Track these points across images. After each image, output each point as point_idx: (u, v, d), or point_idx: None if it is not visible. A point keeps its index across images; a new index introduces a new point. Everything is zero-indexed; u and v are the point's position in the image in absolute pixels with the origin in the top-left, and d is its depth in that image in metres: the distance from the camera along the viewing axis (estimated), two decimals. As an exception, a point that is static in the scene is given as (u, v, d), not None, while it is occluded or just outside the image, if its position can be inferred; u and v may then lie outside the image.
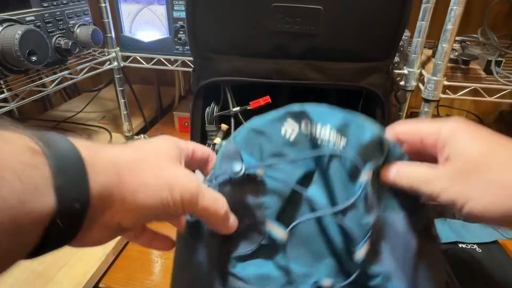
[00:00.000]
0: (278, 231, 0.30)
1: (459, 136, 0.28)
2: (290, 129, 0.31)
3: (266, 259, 0.31)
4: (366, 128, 0.31)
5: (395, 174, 0.30)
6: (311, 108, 0.31)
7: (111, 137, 0.94)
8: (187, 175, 0.28)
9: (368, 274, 0.29)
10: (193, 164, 0.32)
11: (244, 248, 0.31)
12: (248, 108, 0.51)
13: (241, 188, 0.29)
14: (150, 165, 0.26)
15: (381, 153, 0.30)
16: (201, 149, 0.32)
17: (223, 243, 0.31)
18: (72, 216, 0.21)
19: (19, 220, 0.19)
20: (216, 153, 0.32)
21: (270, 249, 0.31)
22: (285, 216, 0.31)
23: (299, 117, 0.31)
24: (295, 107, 0.31)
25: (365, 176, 0.29)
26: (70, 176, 0.21)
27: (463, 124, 0.29)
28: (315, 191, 0.31)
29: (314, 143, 0.31)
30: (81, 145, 0.23)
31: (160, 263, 0.58)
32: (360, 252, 0.29)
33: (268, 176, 0.30)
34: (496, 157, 0.26)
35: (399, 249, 0.30)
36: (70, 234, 0.22)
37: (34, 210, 0.19)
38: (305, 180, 0.32)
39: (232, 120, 0.53)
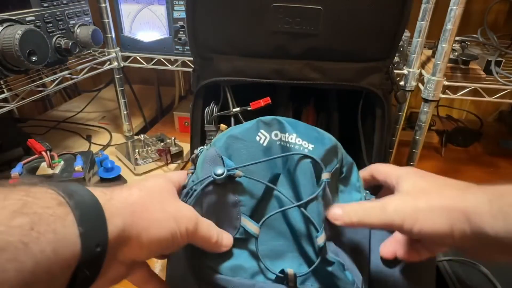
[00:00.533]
0: (251, 226, 0.34)
1: (409, 175, 0.34)
2: (263, 136, 0.36)
3: (240, 249, 0.35)
4: (325, 137, 0.37)
5: (341, 214, 0.33)
6: (281, 120, 0.37)
7: (111, 137, 0.94)
8: (187, 207, 0.32)
9: (327, 261, 0.33)
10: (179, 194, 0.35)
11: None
12: (249, 108, 0.51)
13: (221, 188, 0.33)
14: (157, 201, 0.30)
15: (336, 158, 0.37)
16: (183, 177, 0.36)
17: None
18: (94, 259, 0.23)
19: (53, 269, 0.21)
20: (196, 159, 0.37)
21: (243, 241, 0.35)
22: (257, 212, 0.35)
23: (269, 127, 0.36)
24: (266, 118, 0.37)
25: (326, 175, 0.34)
26: (92, 223, 0.23)
27: (415, 169, 0.35)
28: (283, 189, 0.36)
29: (284, 147, 0.36)
30: (97, 192, 0.26)
31: (160, 263, 0.58)
32: (320, 238, 0.32)
33: (245, 177, 0.34)
34: (436, 185, 0.32)
35: (357, 241, 0.35)
36: (93, 275, 0.24)
37: (65, 258, 0.21)
38: (275, 181, 0.37)
39: (232, 120, 0.53)
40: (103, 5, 0.77)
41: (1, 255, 0.18)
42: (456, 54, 0.69)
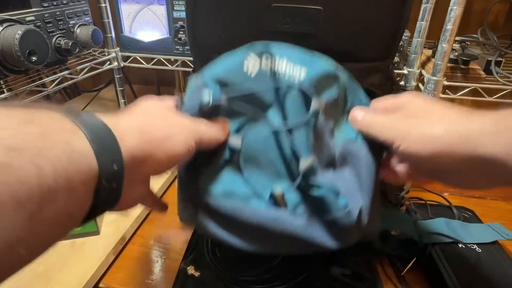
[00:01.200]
0: (233, 140, 0.35)
1: (412, 97, 0.34)
2: (251, 64, 0.35)
3: (232, 174, 0.36)
4: (321, 61, 0.36)
5: (360, 117, 0.35)
6: (274, 44, 0.37)
7: (111, 137, 0.94)
8: (190, 120, 0.33)
9: (312, 184, 0.34)
10: None
11: (211, 163, 0.36)
12: None
13: (208, 115, 0.34)
14: (161, 118, 0.30)
15: (337, 84, 0.36)
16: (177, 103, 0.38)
17: (192, 161, 0.35)
18: (114, 176, 0.23)
19: (72, 179, 0.20)
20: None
21: (234, 165, 0.36)
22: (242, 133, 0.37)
23: (260, 52, 0.36)
24: (258, 44, 0.36)
25: (316, 105, 0.34)
26: (103, 143, 0.23)
27: (416, 93, 0.35)
28: (272, 116, 0.36)
29: (273, 77, 0.36)
30: (104, 117, 0.26)
31: (160, 263, 0.58)
32: (303, 164, 0.34)
33: (231, 106, 0.35)
34: (438, 106, 0.31)
35: (362, 174, 0.35)
36: (115, 194, 0.24)
37: (83, 171, 0.21)
38: (266, 110, 0.37)
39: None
40: (103, 5, 0.77)
41: (18, 156, 0.18)
42: (456, 54, 0.69)
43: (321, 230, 0.34)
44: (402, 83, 0.70)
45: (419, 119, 0.30)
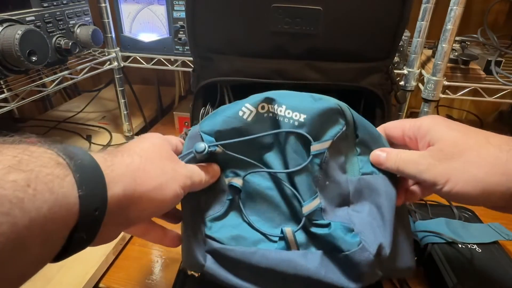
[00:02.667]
0: (235, 180, 0.35)
1: (438, 126, 0.32)
2: (248, 111, 0.35)
3: (238, 219, 0.36)
4: (322, 101, 0.35)
5: (384, 157, 0.34)
6: (269, 93, 0.36)
7: (111, 137, 0.94)
8: (182, 166, 0.33)
9: (321, 224, 0.33)
10: (177, 154, 0.37)
11: (216, 210, 0.36)
12: None
13: (204, 161, 0.35)
14: (157, 165, 0.30)
15: (343, 120, 0.35)
16: (181, 143, 0.38)
17: (197, 209, 0.35)
18: (92, 221, 0.23)
19: (49, 228, 0.20)
20: (185, 136, 0.38)
21: (236, 207, 0.36)
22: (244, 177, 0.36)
23: (256, 103, 0.35)
24: (253, 96, 0.36)
25: (317, 147, 0.33)
26: (92, 186, 0.23)
27: (439, 117, 0.33)
28: (272, 159, 0.36)
29: (273, 119, 0.35)
30: (99, 157, 0.26)
31: (160, 263, 0.58)
32: (307, 207, 0.33)
33: (227, 152, 0.35)
34: (472, 139, 0.30)
35: (384, 208, 0.34)
36: (89, 237, 0.24)
37: (62, 218, 0.21)
38: (266, 153, 0.36)
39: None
40: (103, 5, 0.77)
41: None
42: (456, 54, 0.69)
43: (336, 270, 0.33)
44: (402, 83, 0.70)
45: (457, 159, 0.29)
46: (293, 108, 0.34)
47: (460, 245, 0.52)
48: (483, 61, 0.68)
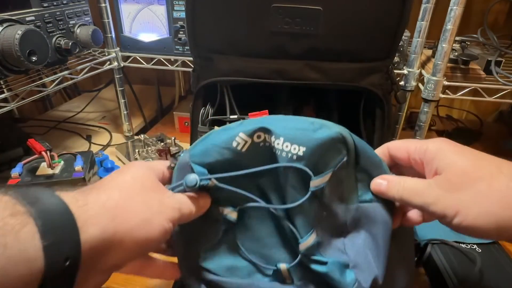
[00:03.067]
0: (230, 213, 0.33)
1: (445, 151, 0.29)
2: (242, 141, 0.32)
3: (230, 250, 0.34)
4: (323, 129, 0.31)
5: (385, 186, 0.32)
6: (265, 120, 0.32)
7: (111, 137, 0.94)
8: (169, 196, 0.30)
9: (318, 261, 0.32)
10: (164, 183, 0.33)
11: (209, 240, 0.34)
12: (246, 118, 0.51)
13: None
14: (139, 199, 0.27)
15: (345, 149, 0.32)
16: (168, 170, 0.34)
17: (190, 240, 0.34)
18: (64, 274, 0.21)
19: (8, 285, 0.18)
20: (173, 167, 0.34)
21: (231, 239, 0.34)
22: (240, 209, 0.34)
23: (251, 132, 0.32)
24: (250, 124, 0.32)
25: (316, 182, 0.31)
26: (59, 233, 0.21)
27: (447, 141, 0.30)
28: (268, 190, 0.34)
29: (269, 150, 0.32)
30: (70, 197, 0.23)
31: (160, 263, 0.58)
32: (303, 244, 0.32)
33: (220, 186, 0.32)
34: (483, 168, 0.27)
35: (379, 237, 0.32)
36: None
37: (20, 276, 0.19)
38: (263, 184, 0.34)
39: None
40: (103, 5, 0.77)
41: None
42: (456, 54, 0.69)
43: None
44: (402, 83, 0.70)
45: (466, 190, 0.27)
46: (292, 140, 0.31)
47: (460, 245, 0.53)
48: (483, 61, 0.68)
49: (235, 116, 0.51)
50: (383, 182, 0.32)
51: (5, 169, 0.76)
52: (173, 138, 0.83)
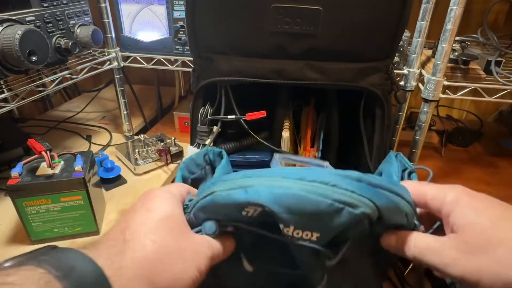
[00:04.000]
0: (246, 264, 0.32)
1: (464, 207, 0.27)
2: (252, 210, 0.28)
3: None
4: (344, 215, 0.25)
5: (395, 242, 0.29)
6: (271, 195, 0.26)
7: (111, 137, 0.94)
8: (199, 240, 0.28)
9: None
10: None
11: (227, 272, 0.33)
12: (243, 118, 0.51)
13: None
14: (173, 250, 0.26)
15: (367, 224, 0.26)
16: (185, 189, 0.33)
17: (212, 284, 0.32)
18: None
19: None
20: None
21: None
22: (255, 249, 0.32)
23: (258, 206, 0.27)
24: (253, 192, 0.26)
25: (332, 262, 0.28)
26: None
27: (466, 192, 0.27)
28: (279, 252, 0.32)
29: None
30: (104, 259, 0.22)
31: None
32: None
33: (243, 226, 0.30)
34: (504, 230, 0.25)
35: None
36: None
37: None
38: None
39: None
40: (103, 5, 0.77)
41: None
42: (456, 54, 0.69)
43: None
44: (402, 83, 0.70)
45: (486, 255, 0.24)
46: (303, 228, 0.26)
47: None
48: (483, 61, 0.68)
49: (233, 117, 0.51)
50: (392, 239, 0.29)
51: (5, 169, 0.76)
52: (173, 138, 0.83)
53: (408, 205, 0.28)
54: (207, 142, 0.53)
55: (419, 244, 0.28)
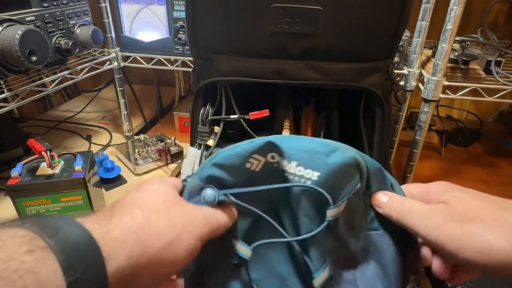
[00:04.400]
0: (243, 249, 0.31)
1: (450, 189, 0.29)
2: (256, 161, 0.30)
3: (240, 283, 0.32)
4: (336, 153, 0.30)
5: (385, 202, 0.31)
6: (278, 140, 0.30)
7: (111, 137, 0.94)
8: (195, 211, 0.28)
9: None
10: None
11: (218, 273, 0.32)
12: (246, 117, 0.51)
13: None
14: (164, 216, 0.25)
15: (358, 174, 0.30)
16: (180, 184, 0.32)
17: (200, 270, 0.32)
18: None
19: None
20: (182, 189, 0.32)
21: (241, 272, 0.32)
22: (251, 235, 0.32)
23: (264, 151, 0.30)
24: (260, 141, 0.30)
25: (332, 213, 0.29)
26: (84, 266, 0.19)
27: (449, 183, 0.30)
28: (283, 215, 0.32)
29: (282, 175, 0.31)
30: (92, 223, 0.21)
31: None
32: (318, 280, 0.30)
33: (238, 203, 0.30)
34: (486, 204, 0.26)
35: (388, 270, 0.31)
36: None
37: None
38: (275, 205, 0.32)
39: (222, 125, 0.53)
40: (103, 5, 0.77)
41: None
42: (456, 54, 0.68)
43: None
44: (402, 83, 0.70)
45: (472, 223, 0.25)
46: (305, 164, 0.29)
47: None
48: (483, 61, 0.68)
49: (235, 117, 0.51)
50: (383, 197, 0.31)
51: (5, 169, 0.76)
52: (173, 138, 0.83)
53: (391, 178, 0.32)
54: (209, 142, 0.53)
55: (408, 206, 0.29)
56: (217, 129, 0.53)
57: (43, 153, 0.54)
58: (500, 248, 0.24)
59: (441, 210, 0.27)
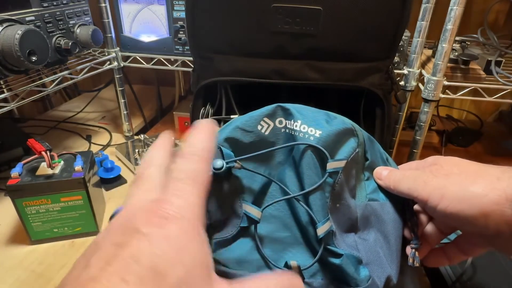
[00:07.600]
0: (253, 211, 0.33)
1: (442, 158, 0.32)
2: (266, 125, 0.35)
3: (245, 240, 0.34)
4: (337, 120, 0.34)
5: (385, 174, 0.34)
6: (287, 105, 0.35)
7: (111, 137, 0.94)
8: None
9: (334, 253, 0.32)
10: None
11: (225, 233, 0.34)
12: None
13: (222, 180, 0.33)
14: None
15: (356, 141, 0.34)
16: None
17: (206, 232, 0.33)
18: None
19: None
20: None
21: (248, 231, 0.34)
22: (260, 201, 0.35)
23: (273, 114, 0.35)
24: (271, 106, 0.35)
25: (332, 165, 0.32)
26: None
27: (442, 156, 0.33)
28: (288, 179, 0.34)
29: (289, 135, 0.35)
30: None
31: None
32: (321, 229, 0.32)
33: (244, 168, 0.33)
34: (473, 164, 0.29)
35: (390, 237, 0.33)
36: None
37: None
38: (281, 170, 0.35)
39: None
40: (103, 5, 0.77)
41: None
42: (456, 54, 0.69)
43: None
44: (402, 83, 0.70)
45: (453, 175, 0.27)
46: (309, 123, 0.34)
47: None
48: (483, 61, 0.68)
49: (236, 116, 0.51)
50: (384, 171, 0.34)
51: (5, 169, 0.76)
52: (173, 138, 0.83)
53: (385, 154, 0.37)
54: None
55: (404, 174, 0.32)
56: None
57: (43, 153, 0.54)
58: (476, 193, 0.25)
59: (431, 169, 0.30)
